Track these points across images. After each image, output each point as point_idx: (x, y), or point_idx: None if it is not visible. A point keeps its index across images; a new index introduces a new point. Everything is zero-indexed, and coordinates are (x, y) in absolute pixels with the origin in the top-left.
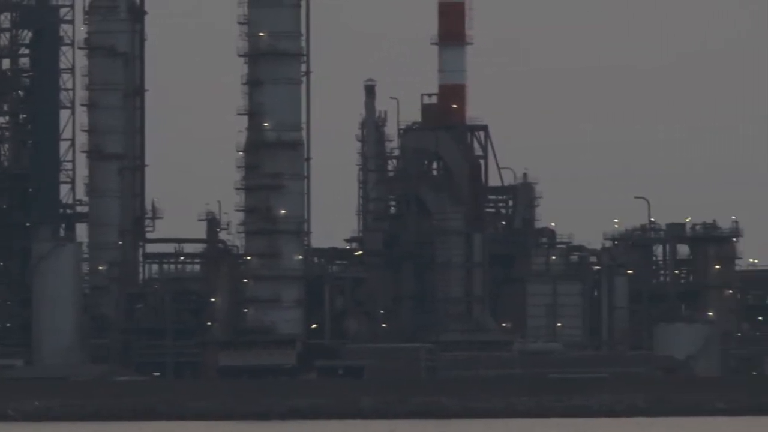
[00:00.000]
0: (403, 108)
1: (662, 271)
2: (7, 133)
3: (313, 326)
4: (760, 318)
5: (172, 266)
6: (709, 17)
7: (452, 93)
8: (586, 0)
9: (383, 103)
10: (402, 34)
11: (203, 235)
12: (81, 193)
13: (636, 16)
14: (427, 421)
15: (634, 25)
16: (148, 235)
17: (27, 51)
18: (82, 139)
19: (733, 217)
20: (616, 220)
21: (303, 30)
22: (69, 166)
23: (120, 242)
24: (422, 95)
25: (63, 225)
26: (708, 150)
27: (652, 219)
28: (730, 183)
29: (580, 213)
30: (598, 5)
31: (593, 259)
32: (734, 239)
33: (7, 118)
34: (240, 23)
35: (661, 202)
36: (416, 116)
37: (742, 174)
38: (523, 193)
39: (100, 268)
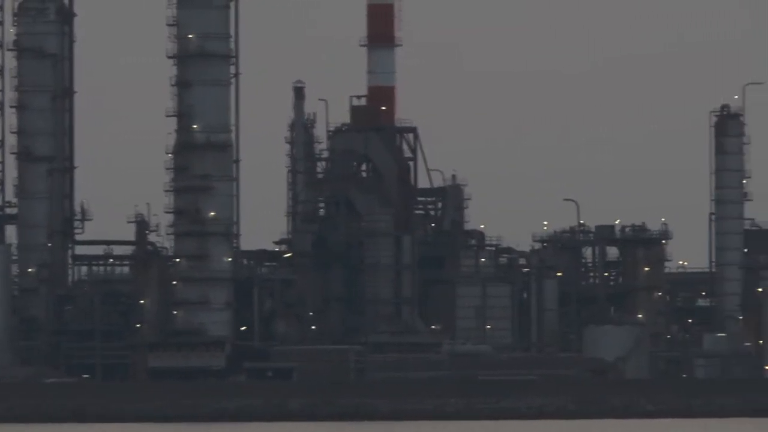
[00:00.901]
0: (332, 110)
1: (591, 273)
2: None
3: (242, 328)
4: (689, 320)
5: (102, 268)
6: (636, 21)
7: (381, 95)
8: (515, 3)
9: (312, 105)
10: (331, 36)
11: (132, 237)
12: (10, 194)
13: (565, 19)
14: (357, 423)
15: (562, 28)
16: (78, 237)
17: None
18: (11, 140)
19: (663, 219)
20: (545, 222)
21: (232, 31)
22: None
23: (49, 244)
24: (351, 97)
25: None
26: (637, 152)
27: (582, 221)
28: (659, 185)
29: (510, 215)
30: (527, 8)
31: (522, 261)
32: (663, 241)
33: None
34: (169, 25)
35: (590, 204)
36: (345, 118)
37: (671, 176)
38: (452, 195)
39: (29, 270)
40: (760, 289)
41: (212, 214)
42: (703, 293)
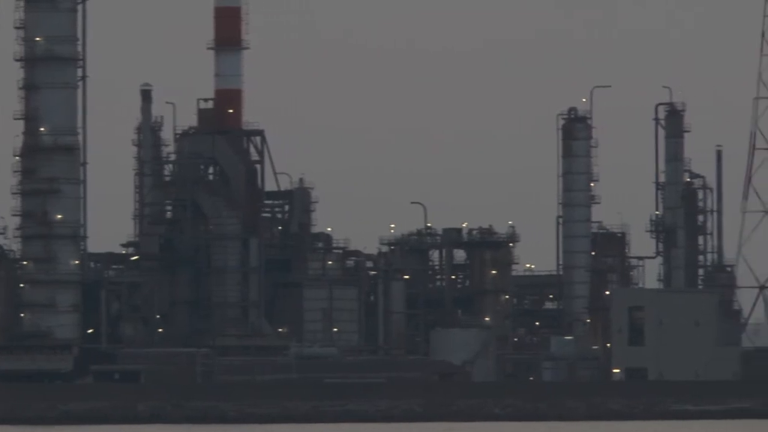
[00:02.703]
0: (179, 113)
1: (438, 276)
2: None
3: (90, 331)
4: (537, 323)
5: None
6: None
7: (229, 98)
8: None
9: (159, 108)
10: (178, 39)
11: None
12: None
13: (404, 24)
14: (204, 426)
15: (403, 34)
16: None
17: None
18: None
19: (510, 222)
20: (392, 225)
21: (79, 34)
22: None
23: None
24: (198, 100)
25: None
26: (484, 155)
27: (429, 224)
28: (506, 188)
29: (357, 218)
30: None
31: (369, 263)
32: (510, 244)
33: None
34: (16, 27)
35: (437, 207)
36: (192, 121)
37: (519, 179)
38: (299, 198)
39: None
40: (607, 292)
41: (59, 216)
42: (551, 296)
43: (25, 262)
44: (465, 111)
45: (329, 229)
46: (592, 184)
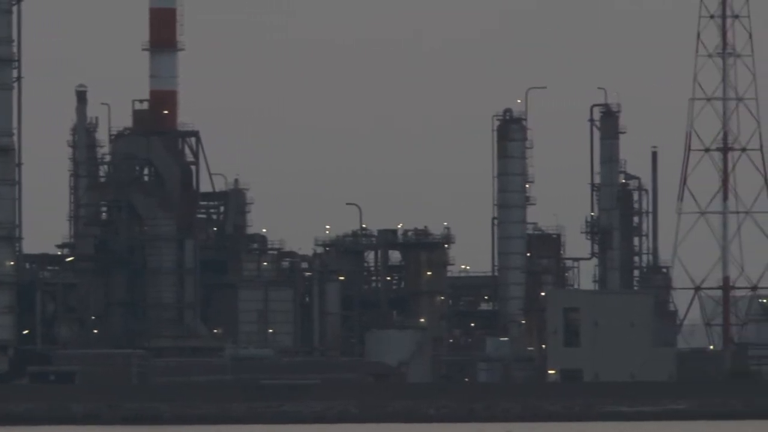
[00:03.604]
0: (114, 114)
1: (374, 278)
2: None
3: (25, 332)
4: (472, 324)
5: None
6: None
7: (164, 99)
8: None
9: (95, 109)
10: (114, 40)
11: None
12: None
13: (340, 26)
14: (140, 427)
15: (343, 35)
16: None
17: None
18: None
19: (445, 224)
20: (327, 226)
21: (15, 35)
22: None
23: None
24: (134, 101)
25: None
26: (419, 155)
27: (364, 225)
28: (442, 189)
29: (292, 219)
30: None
31: (305, 265)
32: (446, 245)
33: None
34: None
35: (372, 208)
36: (128, 122)
37: (454, 180)
38: (235, 199)
39: None
40: (542, 294)
41: None
42: (486, 297)
43: None
44: (401, 111)
45: (264, 230)
46: (527, 186)
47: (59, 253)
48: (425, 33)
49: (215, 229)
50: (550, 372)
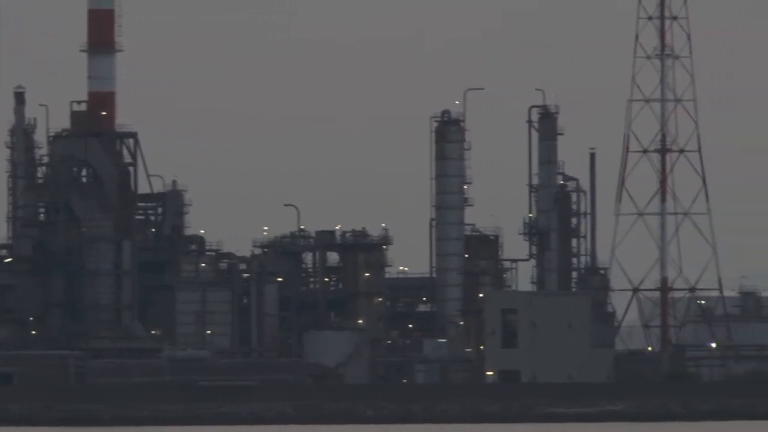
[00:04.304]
0: (52, 115)
1: (312, 279)
2: None
3: None
4: (410, 325)
5: None
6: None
7: (102, 100)
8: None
9: (33, 110)
10: (52, 41)
11: None
12: None
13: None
14: (77, 429)
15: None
16: None
17: None
18: None
19: (383, 225)
20: (265, 228)
21: None
22: None
23: None
24: (72, 102)
25: None
26: (357, 155)
27: (302, 226)
28: (380, 190)
29: (230, 220)
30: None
31: (243, 266)
32: (384, 246)
33: None
34: None
35: (310, 209)
36: (66, 123)
37: (392, 181)
38: (173, 200)
39: None
40: (480, 295)
41: None
42: (424, 298)
43: None
44: (339, 112)
45: (202, 231)
46: (465, 187)
47: None
48: (366, 32)
49: (153, 230)
50: (488, 373)
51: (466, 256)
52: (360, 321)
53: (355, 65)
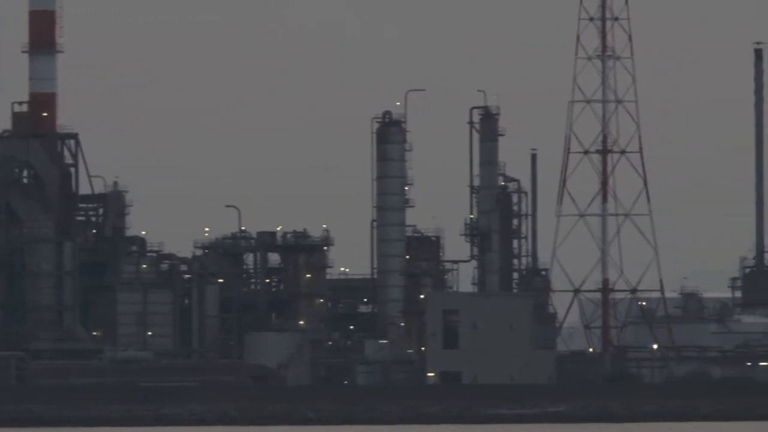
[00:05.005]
0: None
1: (253, 280)
2: None
3: None
4: (351, 326)
5: None
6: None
7: (43, 101)
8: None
9: None
10: None
11: None
12: None
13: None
14: (17, 430)
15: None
16: None
17: None
18: None
19: (324, 226)
20: (206, 229)
21: None
22: None
23: None
24: (13, 103)
25: None
26: (298, 156)
27: (243, 227)
28: (321, 191)
29: (171, 221)
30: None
31: (184, 267)
32: (325, 248)
33: None
34: None
35: (251, 210)
36: (7, 124)
37: (334, 182)
38: (114, 202)
39: None
40: (421, 296)
41: None
42: (365, 300)
43: None
44: (281, 113)
45: (144, 232)
46: (406, 188)
47: None
48: (309, 31)
49: (94, 231)
50: (429, 374)
51: (408, 257)
52: (301, 322)
53: (297, 65)
